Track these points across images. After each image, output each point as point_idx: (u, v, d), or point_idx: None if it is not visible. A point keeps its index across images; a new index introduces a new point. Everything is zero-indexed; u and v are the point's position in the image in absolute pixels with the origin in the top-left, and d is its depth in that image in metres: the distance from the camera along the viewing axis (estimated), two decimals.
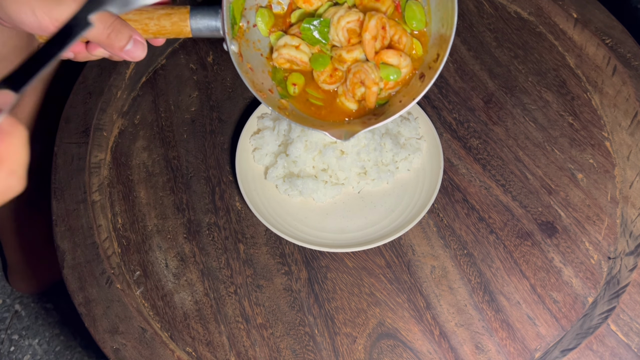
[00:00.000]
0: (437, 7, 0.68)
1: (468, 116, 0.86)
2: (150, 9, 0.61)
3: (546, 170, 0.82)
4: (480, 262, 0.76)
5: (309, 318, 0.74)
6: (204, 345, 0.73)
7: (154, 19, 0.61)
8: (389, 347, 0.72)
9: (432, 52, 0.68)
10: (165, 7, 0.61)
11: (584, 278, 0.75)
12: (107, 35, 0.54)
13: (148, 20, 0.61)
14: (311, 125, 0.67)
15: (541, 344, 0.72)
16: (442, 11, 0.67)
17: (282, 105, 0.69)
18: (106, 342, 0.73)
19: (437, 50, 0.68)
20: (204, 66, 0.92)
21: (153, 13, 0.61)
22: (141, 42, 0.58)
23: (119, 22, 0.55)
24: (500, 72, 0.89)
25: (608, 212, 0.79)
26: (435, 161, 0.80)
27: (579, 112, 0.85)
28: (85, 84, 0.89)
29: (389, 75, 0.68)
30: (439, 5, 0.67)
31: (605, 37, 0.88)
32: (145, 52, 0.59)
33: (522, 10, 0.94)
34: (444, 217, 0.79)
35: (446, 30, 0.66)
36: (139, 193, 0.83)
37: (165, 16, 0.61)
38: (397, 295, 0.75)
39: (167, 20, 0.61)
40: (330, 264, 0.77)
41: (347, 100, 0.70)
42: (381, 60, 0.68)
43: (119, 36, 0.55)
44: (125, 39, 0.56)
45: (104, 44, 0.55)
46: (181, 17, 0.61)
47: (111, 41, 0.55)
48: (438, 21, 0.68)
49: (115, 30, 0.55)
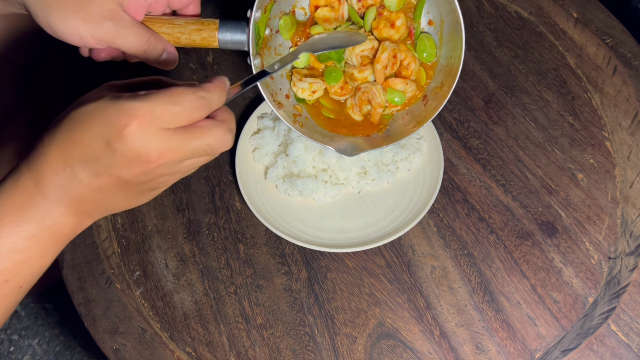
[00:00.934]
0: (448, 37, 0.72)
1: (468, 116, 0.86)
2: (182, 24, 0.65)
3: (546, 170, 0.82)
4: (480, 262, 0.76)
5: (309, 318, 0.74)
6: (204, 346, 0.73)
7: (185, 34, 0.66)
8: (389, 347, 0.72)
9: (437, 79, 0.74)
10: (196, 21, 0.66)
11: (585, 278, 0.75)
12: (143, 51, 0.63)
13: (180, 35, 0.66)
14: (319, 140, 0.72)
15: (541, 344, 0.72)
16: (452, 43, 0.72)
17: (297, 111, 0.74)
18: (106, 342, 0.73)
19: (442, 79, 0.73)
20: (203, 66, 0.92)
21: (185, 27, 0.65)
22: (173, 53, 0.65)
23: (154, 38, 0.63)
24: (500, 72, 0.89)
25: (608, 212, 0.78)
26: (435, 161, 0.80)
27: (579, 112, 0.85)
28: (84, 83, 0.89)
29: (393, 98, 0.74)
30: (450, 37, 0.72)
31: (605, 37, 0.88)
32: (177, 62, 0.66)
33: (522, 10, 0.94)
34: (444, 217, 0.79)
35: (454, 61, 0.71)
36: None
37: (196, 31, 0.66)
38: (397, 295, 0.75)
39: (197, 35, 0.66)
40: (330, 264, 0.77)
41: (353, 112, 0.75)
42: (389, 86, 0.74)
43: (154, 51, 0.64)
44: (160, 52, 0.64)
45: (141, 57, 0.63)
46: (210, 33, 0.66)
47: (147, 55, 0.63)
48: (448, 51, 0.73)
49: (150, 46, 0.63)
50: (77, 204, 0.52)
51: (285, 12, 0.74)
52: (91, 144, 0.49)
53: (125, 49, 0.62)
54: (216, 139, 0.51)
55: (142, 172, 0.50)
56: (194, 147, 0.50)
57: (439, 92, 0.72)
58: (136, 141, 0.48)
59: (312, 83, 0.74)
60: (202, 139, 0.51)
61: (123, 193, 0.53)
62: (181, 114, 0.49)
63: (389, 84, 0.74)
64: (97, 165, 0.50)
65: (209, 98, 0.51)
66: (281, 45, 0.74)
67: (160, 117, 0.48)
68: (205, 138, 0.51)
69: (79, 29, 0.60)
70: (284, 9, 0.73)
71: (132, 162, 0.50)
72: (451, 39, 0.72)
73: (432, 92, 0.74)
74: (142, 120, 0.48)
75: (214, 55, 0.93)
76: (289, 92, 0.75)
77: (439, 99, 0.72)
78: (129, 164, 0.50)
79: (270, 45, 0.73)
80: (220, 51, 0.93)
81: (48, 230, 0.52)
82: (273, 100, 0.71)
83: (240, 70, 0.91)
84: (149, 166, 0.50)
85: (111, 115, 0.49)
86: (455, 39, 0.71)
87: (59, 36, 0.61)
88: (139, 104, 0.48)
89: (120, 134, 0.48)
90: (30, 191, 0.52)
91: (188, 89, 0.50)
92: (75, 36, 0.60)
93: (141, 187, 0.53)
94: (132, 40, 0.61)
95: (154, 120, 0.48)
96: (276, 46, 0.74)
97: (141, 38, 0.62)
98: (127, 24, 0.61)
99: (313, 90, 0.75)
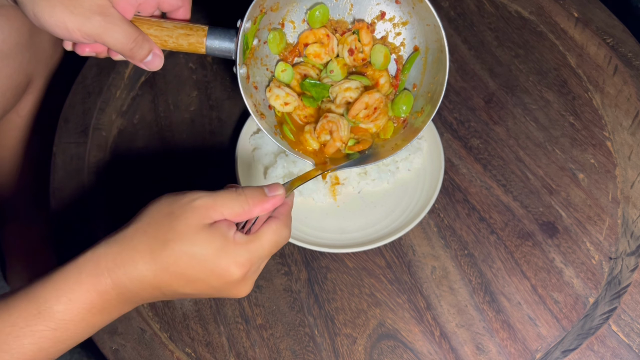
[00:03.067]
0: (432, 64, 0.74)
1: (469, 116, 0.86)
2: (171, 27, 0.65)
3: (547, 170, 0.81)
4: (481, 263, 0.76)
5: (309, 319, 0.74)
6: (204, 346, 0.73)
7: (172, 37, 0.65)
8: (389, 347, 0.72)
9: (418, 104, 0.75)
10: (185, 26, 0.66)
11: (585, 278, 0.75)
12: (129, 49, 0.62)
13: (167, 38, 0.65)
14: (300, 155, 0.74)
15: (542, 345, 0.72)
16: (435, 70, 0.73)
17: (280, 120, 0.76)
18: (105, 342, 0.72)
19: (423, 104, 0.74)
20: (203, 66, 0.91)
21: (173, 31, 0.65)
22: (159, 55, 0.65)
23: (142, 37, 0.62)
24: (501, 72, 0.89)
25: (609, 212, 0.78)
26: (435, 161, 0.80)
27: (580, 112, 0.85)
28: (84, 83, 0.89)
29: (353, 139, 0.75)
30: (433, 64, 0.73)
31: (606, 36, 0.88)
32: (162, 64, 0.66)
33: (522, 10, 0.93)
34: (444, 217, 0.79)
35: (436, 88, 0.73)
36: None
37: (184, 36, 0.65)
38: (398, 295, 0.75)
39: (185, 40, 0.65)
40: (330, 265, 0.77)
41: (311, 137, 0.75)
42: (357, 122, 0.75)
43: (140, 51, 0.63)
44: (146, 52, 0.64)
45: (127, 55, 0.63)
46: (198, 39, 0.66)
47: (133, 54, 0.63)
48: (430, 77, 0.74)
49: (137, 45, 0.62)
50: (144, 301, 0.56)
51: (274, 27, 0.74)
52: (189, 268, 0.54)
53: (112, 45, 0.61)
54: (275, 246, 0.57)
55: (217, 286, 0.55)
56: (264, 258, 0.56)
57: (418, 117, 0.74)
58: (234, 274, 0.54)
59: (289, 94, 0.74)
60: (265, 250, 0.56)
61: (160, 293, 0.56)
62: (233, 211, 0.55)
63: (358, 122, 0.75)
64: (190, 287, 0.55)
65: (250, 204, 0.56)
66: (267, 57, 0.75)
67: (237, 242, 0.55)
68: (265, 246, 0.56)
69: (66, 22, 0.59)
70: (274, 21, 0.74)
71: (216, 275, 0.54)
72: (434, 66, 0.73)
73: (412, 117, 0.75)
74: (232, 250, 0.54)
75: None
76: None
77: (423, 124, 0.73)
78: (212, 275, 0.55)
79: (257, 56, 0.73)
80: None
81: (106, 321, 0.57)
82: (256, 110, 0.72)
83: None
84: (224, 279, 0.55)
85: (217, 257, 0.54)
86: (438, 67, 0.72)
87: (44, 28, 0.60)
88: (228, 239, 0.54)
89: (222, 274, 0.54)
90: (110, 297, 0.54)
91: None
92: (62, 29, 0.59)
93: (175, 293, 0.56)
94: (120, 37, 0.61)
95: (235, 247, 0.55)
96: (263, 57, 0.74)
97: (129, 36, 0.61)
98: (116, 20, 0.60)
99: (286, 102, 0.75)
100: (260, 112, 0.72)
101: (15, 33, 0.84)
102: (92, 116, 0.86)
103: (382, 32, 0.76)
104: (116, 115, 0.88)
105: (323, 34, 0.75)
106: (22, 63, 0.88)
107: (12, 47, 0.85)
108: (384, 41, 0.76)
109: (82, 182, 0.82)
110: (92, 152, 0.84)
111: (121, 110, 0.88)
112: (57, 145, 0.84)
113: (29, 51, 0.88)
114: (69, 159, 0.83)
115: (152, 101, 0.89)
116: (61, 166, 0.83)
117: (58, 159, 0.83)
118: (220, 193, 0.54)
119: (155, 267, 0.53)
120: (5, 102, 0.88)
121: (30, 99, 0.99)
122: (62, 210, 0.80)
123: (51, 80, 1.00)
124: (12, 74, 0.87)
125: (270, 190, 0.56)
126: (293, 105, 0.75)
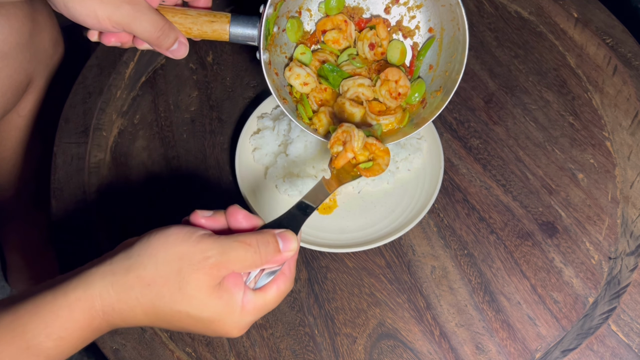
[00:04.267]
0: (448, 44, 0.74)
1: (468, 116, 0.86)
2: (195, 15, 0.66)
3: (547, 170, 0.82)
4: (480, 263, 0.76)
5: (309, 318, 0.74)
6: (204, 346, 0.73)
7: (197, 25, 0.66)
8: (389, 347, 0.72)
9: (436, 84, 0.75)
10: (208, 13, 0.67)
11: (585, 278, 0.75)
12: (156, 38, 0.63)
13: (192, 25, 0.66)
14: (318, 135, 0.74)
15: (542, 345, 0.72)
16: (452, 49, 0.73)
17: (296, 101, 0.76)
18: (105, 342, 0.72)
19: (442, 83, 0.74)
20: (203, 66, 0.92)
21: (197, 18, 0.66)
22: (184, 43, 0.66)
23: (168, 26, 0.63)
24: (500, 72, 0.89)
25: (609, 212, 0.78)
26: (435, 161, 0.80)
27: (579, 112, 0.85)
28: (84, 83, 0.89)
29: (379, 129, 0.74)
30: (450, 44, 0.73)
31: (605, 36, 0.88)
32: (187, 52, 0.66)
33: (522, 10, 0.93)
34: (444, 217, 0.79)
35: (454, 66, 0.72)
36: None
37: (208, 23, 0.66)
38: (397, 295, 0.75)
39: (209, 27, 0.67)
40: (330, 264, 0.77)
41: (326, 117, 0.75)
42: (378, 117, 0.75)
43: (167, 39, 0.64)
44: (172, 41, 0.64)
45: (154, 44, 0.64)
46: (222, 26, 0.67)
47: (160, 42, 0.64)
48: (447, 57, 0.74)
49: (164, 34, 0.63)
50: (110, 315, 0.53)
51: (292, 15, 0.75)
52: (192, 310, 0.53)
53: (139, 34, 0.62)
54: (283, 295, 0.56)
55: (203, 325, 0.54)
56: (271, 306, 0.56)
57: (437, 96, 0.74)
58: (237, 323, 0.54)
59: (309, 74, 0.75)
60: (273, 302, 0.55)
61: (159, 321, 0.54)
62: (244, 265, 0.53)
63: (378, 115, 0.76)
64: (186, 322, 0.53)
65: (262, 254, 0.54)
66: (286, 44, 0.76)
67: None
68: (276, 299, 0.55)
69: (97, 11, 0.59)
70: (291, 9, 0.75)
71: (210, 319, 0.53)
72: (450, 45, 0.73)
73: (430, 96, 0.75)
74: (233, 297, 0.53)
75: (214, 55, 0.93)
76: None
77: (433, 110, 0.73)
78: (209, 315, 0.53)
79: (277, 43, 0.74)
80: (220, 51, 0.93)
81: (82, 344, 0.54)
82: (278, 94, 0.72)
83: (240, 70, 0.91)
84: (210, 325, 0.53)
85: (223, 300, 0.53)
86: (455, 45, 0.72)
87: (75, 18, 0.61)
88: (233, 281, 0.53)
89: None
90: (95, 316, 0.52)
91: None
92: (92, 18, 0.60)
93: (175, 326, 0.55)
94: (147, 26, 0.62)
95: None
96: (282, 44, 0.75)
97: (156, 25, 0.62)
98: (144, 9, 0.61)
99: (305, 82, 0.75)
100: (283, 97, 0.73)
101: (16, 33, 0.84)
102: (93, 116, 0.86)
103: (396, 17, 0.77)
104: (117, 115, 0.88)
105: (341, 19, 0.76)
106: (22, 63, 0.88)
107: (12, 47, 0.85)
108: (399, 25, 0.77)
109: (82, 182, 0.82)
110: (93, 152, 0.84)
111: (122, 110, 0.89)
112: (58, 145, 0.84)
113: (29, 51, 0.88)
114: (69, 159, 0.83)
115: (153, 101, 0.89)
116: (61, 166, 0.83)
117: (58, 159, 0.83)
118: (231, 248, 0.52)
119: (156, 320, 0.53)
120: (5, 102, 0.88)
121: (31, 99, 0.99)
122: (62, 210, 0.80)
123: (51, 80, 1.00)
124: (12, 74, 0.87)
125: (284, 245, 0.54)
126: (311, 87, 0.76)
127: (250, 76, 0.91)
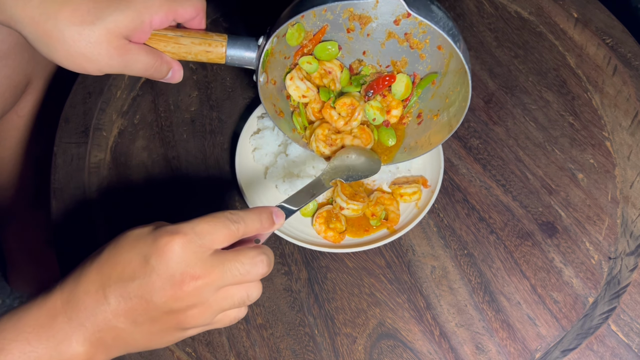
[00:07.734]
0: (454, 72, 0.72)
1: (468, 116, 0.86)
2: (188, 44, 0.66)
3: (546, 170, 0.82)
4: (480, 263, 0.76)
5: (309, 318, 0.74)
6: (204, 346, 0.73)
7: (191, 54, 0.66)
8: (389, 347, 0.72)
9: (434, 104, 0.76)
10: (203, 41, 0.66)
11: (585, 278, 0.75)
12: (150, 74, 0.65)
13: (186, 54, 0.66)
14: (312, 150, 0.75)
15: (542, 344, 0.72)
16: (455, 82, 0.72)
17: (293, 108, 0.77)
18: None
19: (440, 108, 0.75)
20: (203, 66, 0.92)
21: (190, 48, 0.66)
22: (178, 70, 0.67)
23: (159, 62, 0.65)
24: (500, 72, 0.89)
25: (608, 212, 0.78)
26: (435, 161, 0.80)
27: (579, 112, 0.85)
28: (84, 84, 0.89)
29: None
30: (456, 73, 0.72)
31: (605, 36, 0.88)
32: (182, 75, 0.68)
33: (522, 10, 0.93)
34: (444, 217, 0.79)
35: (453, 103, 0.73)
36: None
37: (203, 53, 0.66)
38: (397, 295, 0.75)
39: (204, 56, 0.67)
40: (330, 264, 0.77)
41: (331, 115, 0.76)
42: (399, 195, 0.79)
43: (159, 74, 0.66)
44: (165, 73, 0.66)
45: (148, 77, 0.66)
46: (217, 55, 0.67)
47: (153, 76, 0.66)
48: (451, 85, 0.73)
49: (157, 70, 0.65)
50: (98, 331, 0.53)
51: (292, 24, 0.72)
52: (130, 262, 0.52)
53: (133, 75, 0.64)
54: (248, 259, 0.53)
55: (174, 297, 0.51)
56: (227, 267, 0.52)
57: (434, 120, 0.75)
58: (174, 257, 0.51)
59: (309, 89, 0.75)
60: (235, 259, 0.53)
61: (148, 325, 0.53)
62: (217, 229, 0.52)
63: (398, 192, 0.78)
64: (131, 285, 0.51)
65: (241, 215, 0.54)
66: (286, 47, 0.74)
67: (200, 234, 0.52)
68: (239, 258, 0.53)
69: (86, 68, 0.61)
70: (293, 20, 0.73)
71: (166, 284, 0.51)
72: (456, 75, 0.72)
73: (427, 116, 0.76)
74: (184, 238, 0.51)
75: None
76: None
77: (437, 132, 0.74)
78: (162, 286, 0.51)
79: (276, 50, 0.72)
80: None
81: (58, 356, 0.52)
82: (275, 111, 0.73)
83: (240, 70, 0.91)
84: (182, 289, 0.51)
85: (155, 235, 0.52)
86: (461, 79, 0.71)
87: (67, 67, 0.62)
88: (182, 224, 0.52)
89: (159, 250, 0.51)
90: (56, 312, 0.53)
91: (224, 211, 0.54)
92: (82, 70, 0.62)
93: (168, 322, 0.53)
94: (140, 68, 0.63)
95: (194, 238, 0.51)
96: (281, 49, 0.73)
97: (148, 66, 0.64)
98: (135, 55, 0.62)
99: (304, 94, 0.76)
100: (279, 111, 0.73)
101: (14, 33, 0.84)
102: (93, 116, 0.86)
103: (406, 29, 0.73)
104: (117, 115, 0.88)
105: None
106: (21, 63, 0.88)
107: (10, 47, 0.85)
108: (408, 37, 0.74)
109: (83, 182, 0.82)
110: (93, 152, 0.84)
111: (122, 110, 0.89)
112: (58, 145, 0.84)
113: (28, 52, 0.88)
114: (69, 159, 0.83)
115: (153, 101, 0.89)
116: (62, 166, 0.83)
117: (58, 159, 0.83)
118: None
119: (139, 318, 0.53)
120: (3, 102, 0.88)
121: (30, 100, 0.99)
122: (63, 210, 0.80)
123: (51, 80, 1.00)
124: (11, 75, 0.87)
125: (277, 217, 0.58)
126: (309, 98, 0.76)
127: (250, 76, 0.91)
